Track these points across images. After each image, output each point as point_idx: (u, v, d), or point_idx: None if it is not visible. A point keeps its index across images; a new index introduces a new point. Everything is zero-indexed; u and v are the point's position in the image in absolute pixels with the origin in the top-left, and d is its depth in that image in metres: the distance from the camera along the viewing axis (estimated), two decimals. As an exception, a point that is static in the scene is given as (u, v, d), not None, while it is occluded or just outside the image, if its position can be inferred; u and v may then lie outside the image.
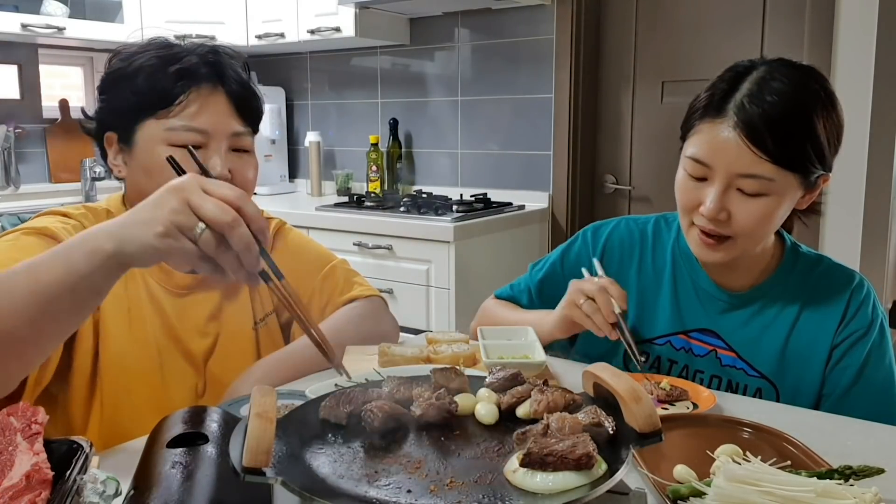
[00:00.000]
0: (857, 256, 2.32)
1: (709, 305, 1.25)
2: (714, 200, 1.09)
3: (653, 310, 1.29)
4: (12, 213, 2.78)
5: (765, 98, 1.07)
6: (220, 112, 1.14)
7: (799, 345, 1.20)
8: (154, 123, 1.11)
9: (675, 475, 0.79)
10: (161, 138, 1.11)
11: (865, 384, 1.16)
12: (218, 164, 1.11)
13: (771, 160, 1.06)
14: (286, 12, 3.18)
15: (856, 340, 1.17)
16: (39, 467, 0.70)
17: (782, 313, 1.21)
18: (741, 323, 1.23)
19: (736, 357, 1.22)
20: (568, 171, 2.89)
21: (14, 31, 2.87)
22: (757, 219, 1.10)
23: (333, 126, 3.59)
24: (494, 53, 3.03)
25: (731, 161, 1.08)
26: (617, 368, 0.71)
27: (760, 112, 1.06)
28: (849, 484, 0.75)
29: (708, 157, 1.10)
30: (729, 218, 1.11)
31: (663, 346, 1.27)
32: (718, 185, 1.09)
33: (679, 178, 1.16)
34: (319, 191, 3.51)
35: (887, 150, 2.34)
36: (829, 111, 1.10)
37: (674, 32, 2.70)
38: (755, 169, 1.07)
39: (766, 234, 1.16)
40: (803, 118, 1.07)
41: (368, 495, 0.61)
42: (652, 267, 1.31)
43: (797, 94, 1.08)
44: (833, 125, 1.11)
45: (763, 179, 1.07)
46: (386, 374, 0.95)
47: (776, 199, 1.10)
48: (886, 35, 2.27)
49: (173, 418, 0.81)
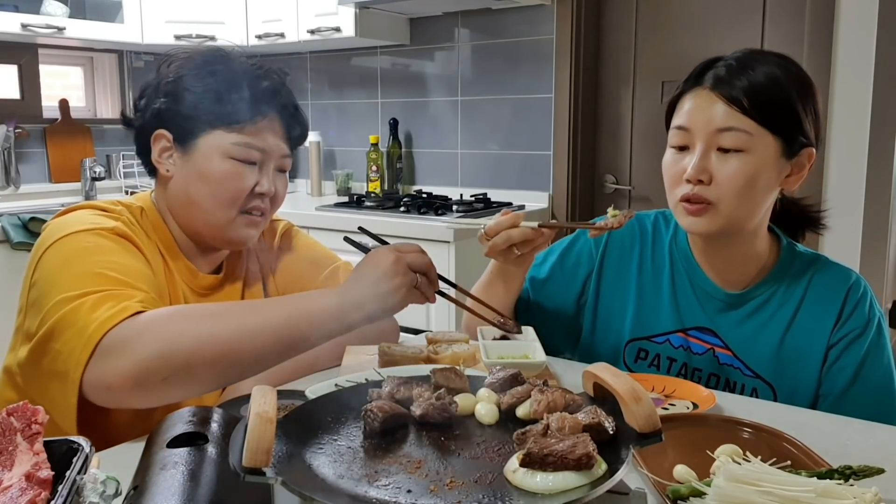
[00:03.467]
0: (857, 256, 2.32)
1: (707, 304, 1.25)
2: (695, 162, 1.12)
3: (652, 308, 1.29)
4: (12, 212, 2.77)
5: (743, 70, 1.13)
6: (277, 135, 1.20)
7: (795, 345, 1.19)
8: (221, 134, 1.15)
9: (675, 475, 0.79)
10: (224, 150, 1.15)
11: (863, 384, 1.16)
12: (265, 183, 1.18)
13: (744, 113, 1.10)
14: (286, 12, 3.17)
15: (852, 340, 1.17)
16: (39, 467, 0.70)
17: (778, 313, 1.21)
18: (737, 322, 1.23)
19: (733, 356, 1.22)
20: (568, 170, 2.89)
21: (14, 31, 2.87)
22: (738, 177, 1.11)
23: (333, 126, 3.59)
24: (494, 53, 3.03)
25: (709, 118, 1.12)
26: (617, 368, 0.72)
27: (737, 80, 1.12)
28: (849, 484, 0.74)
29: (688, 121, 1.15)
30: (711, 181, 1.12)
31: (662, 345, 1.27)
32: (700, 147, 1.13)
33: (665, 158, 1.20)
34: (319, 191, 3.51)
35: (887, 150, 2.34)
36: (804, 88, 1.15)
37: (674, 32, 2.70)
38: (731, 121, 1.11)
39: (751, 203, 1.15)
40: (777, 82, 1.13)
41: (368, 495, 0.61)
42: (651, 264, 1.31)
43: (772, 68, 1.14)
44: (809, 101, 1.14)
45: (740, 132, 1.10)
46: (386, 374, 0.95)
47: (756, 160, 1.11)
48: (886, 35, 2.27)
49: (173, 418, 0.81)
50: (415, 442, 0.71)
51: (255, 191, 1.18)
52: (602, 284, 1.33)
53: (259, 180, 1.18)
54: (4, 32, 2.88)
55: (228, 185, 1.16)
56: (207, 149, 1.16)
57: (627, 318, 1.30)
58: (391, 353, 1.14)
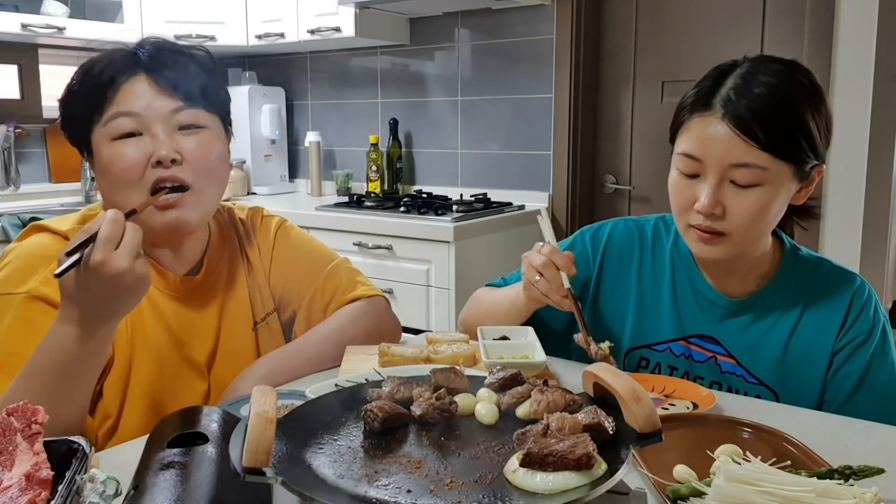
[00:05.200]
0: (857, 256, 2.32)
1: (708, 311, 1.23)
2: (708, 195, 1.08)
3: (653, 315, 1.27)
4: (12, 212, 2.78)
5: (751, 90, 1.07)
6: (145, 93, 1.08)
7: (799, 351, 1.18)
8: (98, 129, 1.08)
9: (675, 475, 0.79)
10: (105, 136, 1.08)
11: (868, 390, 1.14)
12: (162, 148, 1.06)
13: (761, 148, 1.05)
14: (286, 12, 3.17)
15: (857, 346, 1.16)
16: (39, 467, 0.70)
17: (781, 319, 1.19)
18: (740, 329, 1.21)
19: (735, 364, 1.21)
20: (568, 170, 2.89)
21: (14, 31, 2.87)
22: (752, 211, 1.08)
23: (333, 126, 3.59)
24: (494, 53, 3.03)
25: (723, 152, 1.07)
26: (617, 368, 0.72)
27: (747, 103, 1.06)
28: (849, 484, 0.74)
29: (699, 151, 1.09)
30: (724, 213, 1.09)
31: (663, 353, 1.25)
32: (712, 179, 1.08)
33: (672, 178, 1.15)
34: (319, 191, 3.51)
35: (887, 150, 2.34)
36: (816, 101, 1.10)
37: (674, 32, 2.70)
38: (747, 158, 1.06)
39: (763, 229, 1.14)
40: (790, 106, 1.07)
41: (368, 495, 0.61)
42: (651, 271, 1.29)
43: (783, 85, 1.08)
44: (821, 115, 1.10)
45: (756, 168, 1.06)
46: (386, 374, 0.95)
47: (770, 190, 1.08)
48: (886, 35, 2.27)
49: (173, 418, 0.81)
50: (415, 442, 0.71)
51: (153, 160, 1.06)
52: (601, 292, 1.32)
53: (153, 149, 1.06)
54: (4, 32, 2.88)
55: (116, 167, 1.06)
56: (97, 147, 1.09)
57: (627, 326, 1.28)
58: (391, 353, 1.14)
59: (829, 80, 2.33)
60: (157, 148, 1.07)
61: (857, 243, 2.32)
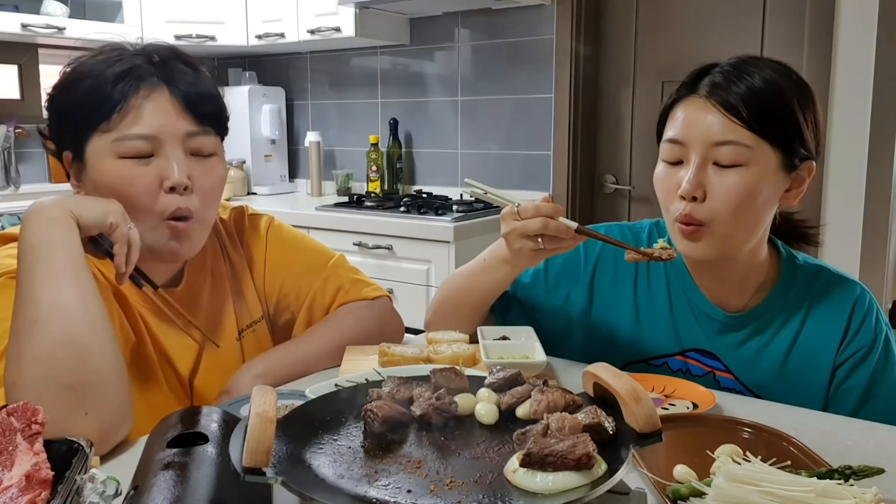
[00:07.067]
0: (857, 257, 2.32)
1: (706, 325, 1.19)
2: (690, 177, 1.05)
3: (649, 329, 1.23)
4: (12, 213, 2.78)
5: (739, 75, 1.06)
6: (165, 112, 1.03)
7: (799, 365, 1.14)
8: (101, 138, 1.02)
9: (675, 475, 0.79)
10: (109, 151, 1.02)
11: (873, 405, 1.11)
12: (175, 170, 1.02)
13: (746, 126, 1.03)
14: (286, 12, 3.18)
15: (860, 360, 1.12)
16: (39, 467, 0.69)
17: (781, 332, 1.16)
18: (738, 343, 1.17)
19: (734, 379, 1.18)
20: (568, 170, 2.89)
21: (14, 31, 2.87)
22: (735, 194, 1.04)
23: (333, 126, 3.59)
24: (494, 53, 3.03)
25: (705, 130, 1.05)
26: (616, 368, 0.71)
27: (733, 86, 1.05)
28: (849, 484, 0.74)
29: (682, 133, 1.08)
30: (705, 197, 1.05)
31: (660, 367, 1.22)
32: (695, 159, 1.06)
33: (656, 171, 1.13)
34: (319, 191, 3.51)
35: (887, 150, 2.34)
36: (804, 95, 1.08)
37: (674, 32, 2.70)
38: (730, 135, 1.04)
39: (749, 224, 1.09)
40: (777, 90, 1.06)
41: (368, 495, 0.61)
42: (647, 282, 1.24)
43: (771, 75, 1.07)
44: (810, 109, 1.08)
45: (739, 146, 1.03)
46: (386, 374, 0.95)
47: (755, 174, 1.04)
48: (886, 35, 2.27)
49: (173, 418, 0.81)
50: (415, 442, 0.71)
51: (165, 186, 1.03)
52: (595, 300, 1.27)
53: (165, 173, 1.02)
54: (4, 32, 2.88)
55: (131, 191, 1.01)
56: (94, 157, 1.04)
57: (624, 339, 1.24)
58: (391, 353, 1.14)
59: (829, 80, 2.33)
60: (169, 173, 1.03)
61: (856, 244, 2.32)
